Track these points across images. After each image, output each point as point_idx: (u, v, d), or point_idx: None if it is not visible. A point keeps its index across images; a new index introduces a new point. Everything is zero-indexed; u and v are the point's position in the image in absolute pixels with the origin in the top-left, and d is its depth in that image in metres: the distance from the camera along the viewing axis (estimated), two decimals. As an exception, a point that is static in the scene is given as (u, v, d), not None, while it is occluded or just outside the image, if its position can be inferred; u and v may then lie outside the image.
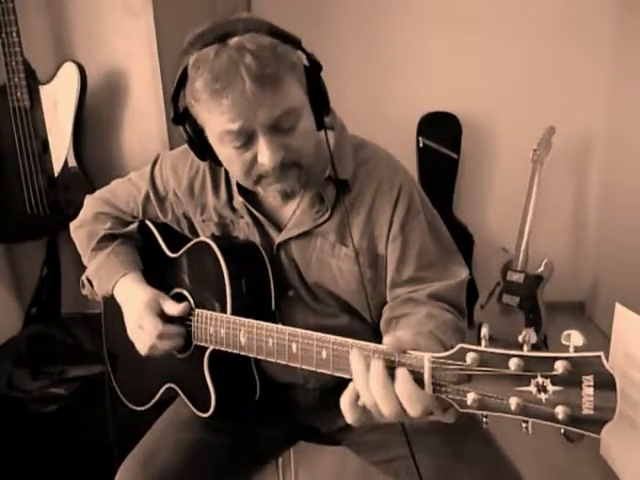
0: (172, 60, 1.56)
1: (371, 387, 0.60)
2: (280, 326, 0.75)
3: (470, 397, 0.54)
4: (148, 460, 0.88)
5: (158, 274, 0.99)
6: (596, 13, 2.34)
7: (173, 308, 0.91)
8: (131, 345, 1.06)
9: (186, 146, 1.01)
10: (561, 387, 0.50)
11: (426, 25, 2.45)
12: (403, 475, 0.90)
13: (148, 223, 1.04)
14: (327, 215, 0.88)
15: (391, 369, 0.60)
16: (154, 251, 1.02)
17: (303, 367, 0.71)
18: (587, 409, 0.49)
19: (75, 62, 1.51)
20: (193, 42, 0.75)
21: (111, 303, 1.08)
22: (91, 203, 1.08)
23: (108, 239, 1.02)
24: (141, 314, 0.90)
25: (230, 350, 0.83)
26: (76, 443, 1.41)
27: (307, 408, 1.00)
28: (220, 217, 0.96)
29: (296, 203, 0.91)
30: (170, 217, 1.01)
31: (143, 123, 1.61)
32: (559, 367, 0.50)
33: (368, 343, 0.64)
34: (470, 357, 0.54)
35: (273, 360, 0.76)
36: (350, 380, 0.69)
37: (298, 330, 0.71)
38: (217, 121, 0.75)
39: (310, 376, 0.94)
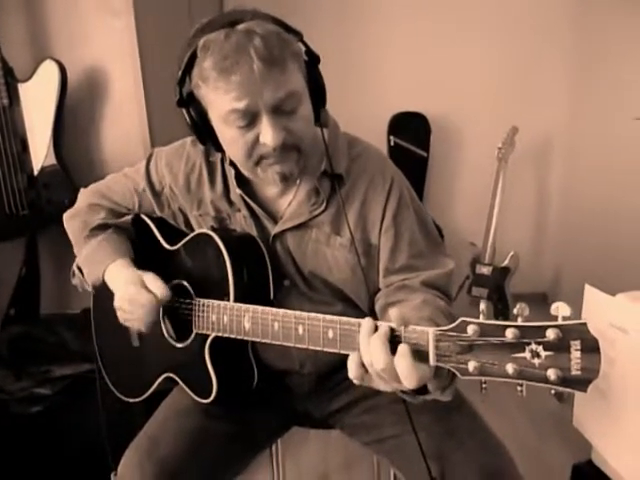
0: (153, 59, 1.58)
1: (371, 345, 0.65)
2: (285, 310, 0.79)
3: (471, 365, 0.60)
4: (152, 448, 0.90)
5: (155, 266, 1.00)
6: (556, 19, 2.48)
7: (158, 288, 0.90)
8: (124, 337, 1.08)
9: (180, 143, 1.05)
10: (552, 352, 0.56)
11: (397, 29, 2.53)
12: (395, 453, 0.95)
13: (144, 217, 1.06)
14: (323, 207, 0.92)
15: (395, 343, 0.65)
16: (150, 244, 1.04)
17: (309, 348, 0.75)
18: (575, 370, 0.55)
19: (55, 60, 1.50)
20: (201, 29, 0.79)
21: (101, 296, 1.10)
22: (86, 195, 1.09)
23: (101, 228, 1.04)
24: (128, 291, 0.92)
25: (234, 336, 0.86)
26: (64, 442, 1.40)
27: (302, 393, 1.04)
28: (217, 211, 0.98)
29: (291, 196, 0.95)
30: (166, 211, 1.03)
31: (124, 121, 1.61)
32: (550, 334, 0.56)
33: (375, 320, 0.68)
34: (471, 329, 0.60)
35: (278, 343, 0.79)
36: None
37: (304, 313, 0.76)
38: (223, 100, 0.78)
39: (305, 361, 0.99)
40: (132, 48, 1.54)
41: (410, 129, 2.57)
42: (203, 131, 0.87)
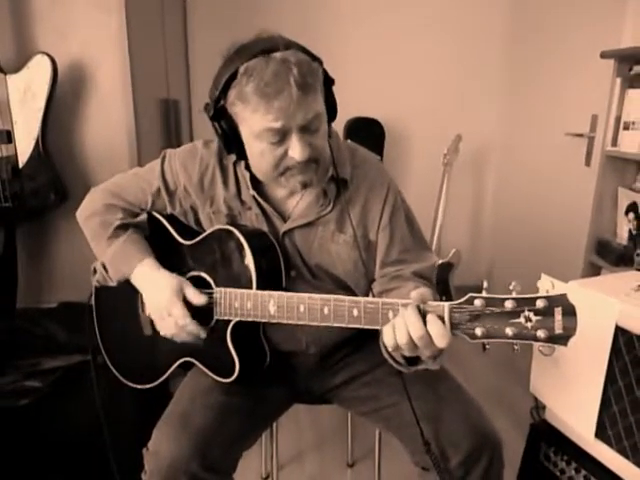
0: (140, 54, 1.62)
1: (406, 318, 0.78)
2: (310, 294, 0.91)
3: (479, 330, 0.75)
4: (184, 421, 0.98)
5: (170, 260, 1.08)
6: (496, 40, 2.76)
7: (196, 297, 1.00)
8: (134, 327, 1.15)
9: (191, 145, 1.14)
10: (541, 317, 0.73)
11: (353, 39, 2.71)
12: (392, 420, 1.09)
13: (157, 215, 1.13)
14: (329, 208, 1.05)
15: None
16: (163, 239, 1.12)
17: (334, 325, 0.88)
18: (558, 330, 0.72)
19: (47, 54, 1.50)
20: (237, 52, 0.90)
21: (109, 289, 1.16)
22: (99, 195, 1.14)
23: (121, 228, 1.10)
24: (170, 301, 1.00)
25: (257, 320, 0.97)
26: (56, 434, 1.41)
27: (306, 372, 1.16)
28: (229, 209, 1.08)
29: (299, 197, 1.08)
30: (178, 209, 1.12)
31: (110, 116, 1.63)
32: (539, 303, 0.72)
33: (396, 300, 0.83)
34: (478, 302, 0.75)
35: (303, 323, 0.91)
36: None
37: (329, 295, 0.88)
38: (260, 120, 0.89)
39: (310, 343, 1.11)
40: (122, 44, 1.57)
41: (366, 133, 2.74)
42: (232, 142, 0.97)
